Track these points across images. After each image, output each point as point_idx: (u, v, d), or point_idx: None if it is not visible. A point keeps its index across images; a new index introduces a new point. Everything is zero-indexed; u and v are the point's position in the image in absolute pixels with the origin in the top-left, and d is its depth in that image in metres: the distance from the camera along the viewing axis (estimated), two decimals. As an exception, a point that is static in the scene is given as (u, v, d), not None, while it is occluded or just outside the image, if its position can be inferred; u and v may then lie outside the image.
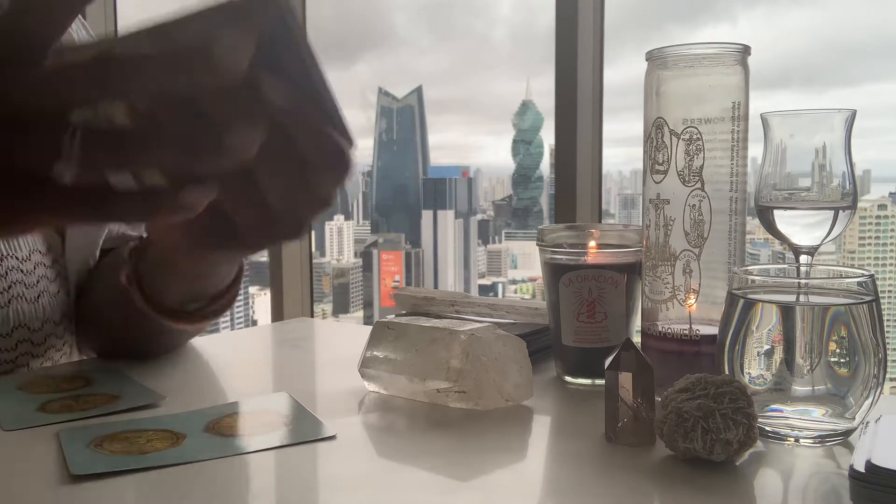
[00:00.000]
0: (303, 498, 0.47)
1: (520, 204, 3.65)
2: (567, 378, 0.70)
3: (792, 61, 6.69)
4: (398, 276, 3.84)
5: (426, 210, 3.89)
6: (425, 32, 13.90)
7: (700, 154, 0.61)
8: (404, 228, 4.03)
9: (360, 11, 7.64)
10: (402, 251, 3.90)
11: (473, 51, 9.08)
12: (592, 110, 2.03)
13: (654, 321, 0.64)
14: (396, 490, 0.47)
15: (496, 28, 13.71)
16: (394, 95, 4.00)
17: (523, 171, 3.51)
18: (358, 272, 3.92)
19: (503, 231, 3.92)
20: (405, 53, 13.41)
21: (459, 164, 4.07)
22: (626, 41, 3.16)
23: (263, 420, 0.59)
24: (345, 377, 0.70)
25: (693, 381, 0.51)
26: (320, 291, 3.44)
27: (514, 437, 0.56)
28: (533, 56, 4.98)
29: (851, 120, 0.60)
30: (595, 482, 0.49)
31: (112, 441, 0.55)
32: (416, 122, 4.00)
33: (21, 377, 0.72)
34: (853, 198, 0.60)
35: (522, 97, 3.45)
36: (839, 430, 0.54)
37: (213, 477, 0.48)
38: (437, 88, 13.21)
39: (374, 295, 3.89)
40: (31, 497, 0.47)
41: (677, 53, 0.61)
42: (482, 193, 4.10)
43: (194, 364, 0.82)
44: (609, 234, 0.72)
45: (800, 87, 4.65)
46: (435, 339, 0.63)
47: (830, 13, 5.90)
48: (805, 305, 0.54)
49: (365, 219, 4.02)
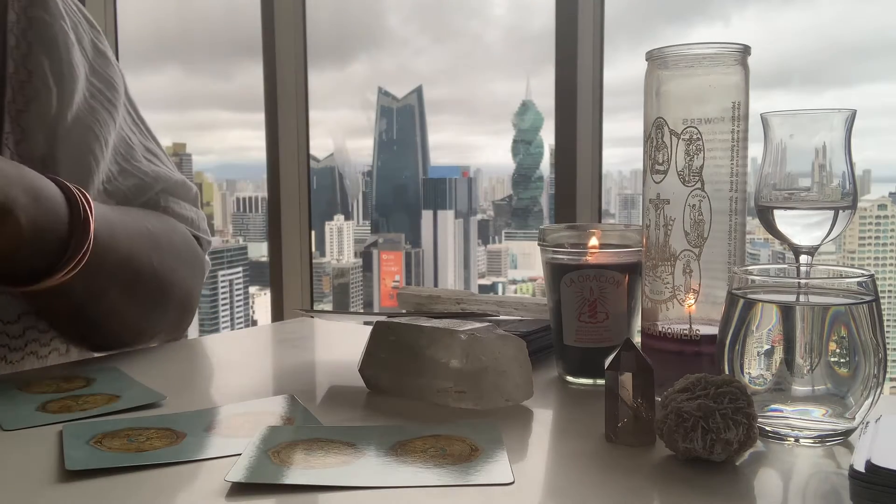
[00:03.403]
0: (302, 498, 0.47)
1: (520, 204, 3.66)
2: (568, 378, 0.70)
3: (791, 61, 6.65)
4: (398, 275, 3.84)
5: (426, 210, 3.89)
6: (425, 32, 13.77)
7: (700, 154, 0.61)
8: (404, 228, 4.03)
9: (360, 11, 7.63)
10: (402, 251, 3.90)
11: (473, 50, 9.08)
12: (592, 110, 2.03)
13: (655, 321, 0.64)
14: (396, 490, 0.47)
15: (496, 28, 13.66)
16: (394, 95, 3.99)
17: (523, 171, 3.51)
18: (358, 272, 3.93)
19: (503, 231, 3.92)
20: (404, 53, 13.36)
21: (459, 164, 4.06)
22: (620, 42, 3.15)
23: (264, 420, 0.59)
24: (345, 377, 0.70)
25: (693, 381, 0.51)
26: (320, 291, 3.44)
27: (514, 437, 0.56)
28: (532, 56, 4.95)
29: (851, 120, 0.60)
30: (595, 482, 0.49)
31: (112, 438, 0.55)
32: (416, 121, 3.99)
33: (21, 377, 0.72)
34: (853, 198, 0.60)
35: (522, 97, 3.45)
36: (839, 430, 0.54)
37: (213, 477, 0.48)
38: (437, 88, 13.17)
39: (374, 295, 3.89)
40: (30, 496, 0.47)
41: (677, 53, 0.61)
42: (482, 193, 4.10)
43: (194, 364, 0.83)
44: (610, 234, 0.72)
45: (799, 87, 4.62)
46: (435, 340, 0.63)
47: (827, 12, 5.85)
48: (805, 305, 0.54)
49: (365, 219, 4.02)
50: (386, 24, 4.37)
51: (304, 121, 2.56)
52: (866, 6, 2.57)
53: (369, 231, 4.18)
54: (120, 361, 0.77)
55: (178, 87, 4.40)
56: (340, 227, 4.04)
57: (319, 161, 3.58)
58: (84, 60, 0.83)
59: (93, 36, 0.85)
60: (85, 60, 0.83)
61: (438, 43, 4.33)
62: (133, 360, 0.77)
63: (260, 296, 3.76)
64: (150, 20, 3.60)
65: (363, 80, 4.33)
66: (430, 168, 4.27)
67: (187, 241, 0.88)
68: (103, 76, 0.84)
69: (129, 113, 0.89)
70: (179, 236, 0.86)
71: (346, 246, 4.06)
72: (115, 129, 0.84)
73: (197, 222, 0.92)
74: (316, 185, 2.88)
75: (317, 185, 3.07)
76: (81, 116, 0.80)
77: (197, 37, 4.31)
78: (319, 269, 3.46)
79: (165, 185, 0.88)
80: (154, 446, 0.54)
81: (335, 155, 4.04)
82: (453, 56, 4.29)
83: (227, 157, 5.29)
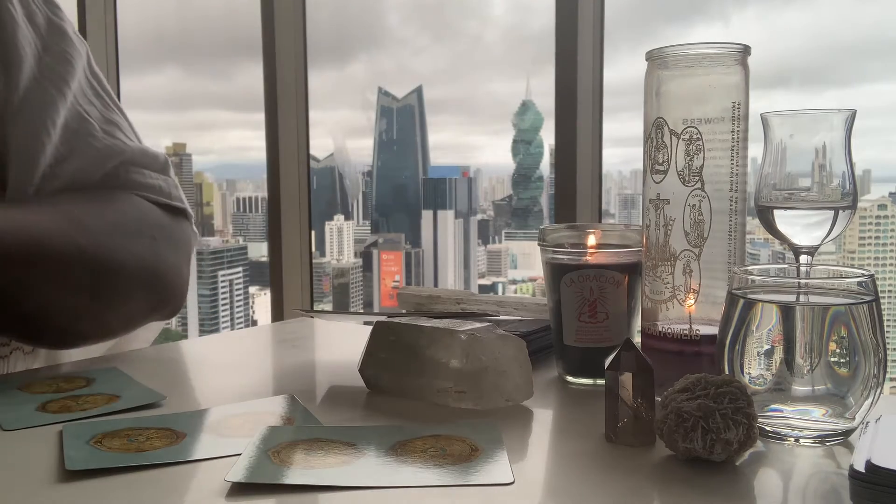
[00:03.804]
0: (302, 498, 0.47)
1: (520, 204, 3.65)
2: (568, 378, 0.70)
3: (791, 61, 6.66)
4: (398, 275, 3.83)
5: (426, 210, 3.88)
6: (424, 32, 13.76)
7: (700, 154, 0.61)
8: (404, 228, 4.02)
9: (359, 11, 7.63)
10: (402, 251, 3.90)
11: (473, 50, 9.08)
12: (592, 110, 2.03)
13: (655, 321, 0.64)
14: (396, 490, 0.47)
15: (496, 28, 13.65)
16: (394, 95, 3.98)
17: (523, 171, 3.50)
18: (358, 272, 3.92)
19: (503, 231, 3.91)
20: (404, 53, 13.35)
21: (459, 165, 4.05)
22: (620, 42, 3.14)
23: (264, 420, 0.59)
24: (345, 377, 0.70)
25: (693, 381, 0.51)
26: (320, 291, 3.44)
27: (514, 437, 0.56)
28: (532, 56, 4.95)
29: (851, 120, 0.60)
30: (595, 482, 0.49)
31: (112, 438, 0.55)
32: (416, 121, 3.98)
33: (21, 377, 0.72)
34: (853, 198, 0.60)
35: (522, 97, 3.44)
36: (839, 430, 0.54)
37: (213, 477, 0.48)
38: (437, 88, 13.16)
39: (374, 295, 3.88)
40: (30, 496, 0.47)
41: (677, 53, 0.61)
42: (482, 193, 4.09)
43: (194, 364, 0.83)
44: (610, 234, 0.72)
45: (799, 87, 4.61)
46: (435, 340, 0.63)
47: (827, 12, 5.86)
48: (805, 305, 0.54)
49: (365, 219, 4.01)
50: (386, 23, 4.36)
51: (304, 121, 2.56)
52: (866, 6, 2.57)
53: (369, 231, 4.17)
54: (120, 361, 0.77)
55: (177, 87, 4.40)
56: (340, 227, 4.04)
57: (319, 161, 3.58)
58: (35, 38, 0.80)
59: (47, 11, 0.83)
60: (36, 38, 0.81)
61: (438, 43, 4.33)
62: (133, 360, 0.77)
63: (260, 296, 3.76)
64: (149, 20, 3.60)
65: (363, 80, 4.33)
66: (430, 168, 4.26)
67: (143, 214, 0.83)
68: (57, 52, 0.82)
69: (92, 85, 0.86)
70: (130, 211, 0.82)
71: (346, 246, 4.05)
72: (66, 107, 0.81)
73: (166, 190, 0.87)
74: (316, 185, 2.88)
75: (317, 185, 3.07)
76: (30, 98, 0.78)
77: (197, 37, 4.31)
78: (319, 269, 3.46)
79: (123, 157, 0.83)
80: (154, 446, 0.54)
81: (335, 155, 4.04)
82: (453, 56, 4.28)
83: (227, 157, 5.29)
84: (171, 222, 0.86)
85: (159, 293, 0.82)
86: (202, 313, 3.86)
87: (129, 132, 0.87)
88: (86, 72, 0.85)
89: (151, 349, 0.86)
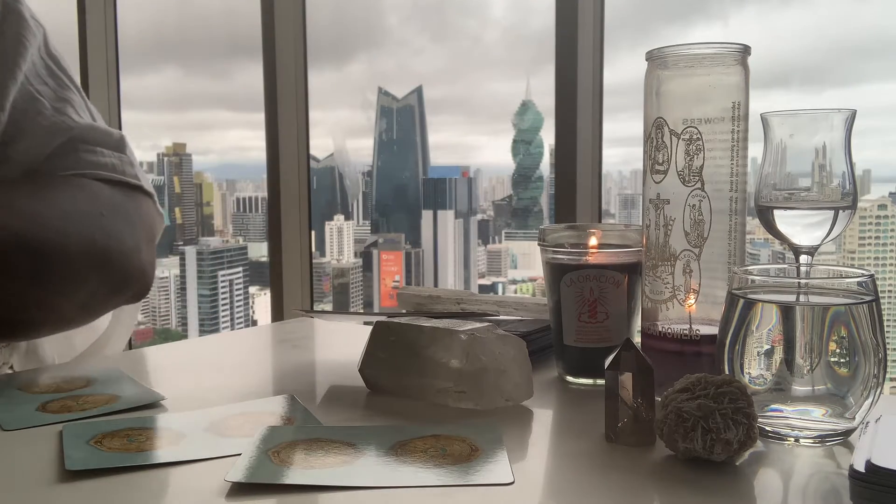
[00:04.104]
0: (302, 498, 0.47)
1: (520, 204, 3.65)
2: (568, 378, 0.70)
3: (791, 61, 6.63)
4: (398, 275, 3.83)
5: (426, 210, 3.88)
6: (424, 32, 13.72)
7: (700, 154, 0.61)
8: (404, 228, 4.02)
9: (359, 11, 7.60)
10: (402, 251, 3.89)
11: (473, 50, 9.02)
12: (592, 110, 2.03)
13: (655, 321, 0.64)
14: (396, 490, 0.47)
15: (496, 28, 13.61)
16: (394, 95, 3.98)
17: (523, 171, 3.50)
18: (358, 272, 3.92)
19: (503, 231, 3.91)
20: (404, 53, 13.31)
21: (459, 164, 4.05)
22: (620, 42, 3.13)
23: (263, 420, 0.59)
24: (345, 377, 0.70)
25: (693, 381, 0.51)
26: (320, 291, 3.44)
27: (514, 437, 0.56)
28: (532, 56, 4.93)
29: (851, 120, 0.59)
30: (595, 482, 0.49)
31: (112, 438, 0.55)
32: (416, 121, 3.98)
33: (21, 377, 0.72)
34: (853, 198, 0.60)
35: (522, 97, 3.44)
36: (839, 430, 0.54)
37: (213, 477, 0.48)
38: (437, 88, 13.12)
39: (374, 295, 3.88)
40: (30, 496, 0.47)
41: (677, 53, 0.61)
42: (482, 193, 4.09)
43: (194, 364, 0.83)
44: (610, 234, 0.72)
45: (799, 87, 4.59)
46: (435, 340, 0.63)
47: (827, 12, 5.85)
48: (805, 305, 0.54)
49: (365, 219, 4.01)
50: (385, 23, 4.36)
51: (304, 121, 2.56)
52: (866, 6, 2.57)
53: (369, 231, 4.17)
54: (120, 361, 0.77)
55: (177, 87, 4.39)
56: (340, 227, 4.04)
57: (319, 161, 3.58)
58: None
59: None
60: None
61: (438, 43, 4.33)
62: (133, 360, 0.77)
63: (260, 296, 3.76)
64: (149, 20, 3.60)
65: (363, 80, 4.33)
66: (430, 168, 4.26)
67: (91, 193, 0.80)
68: (11, 35, 0.81)
69: (47, 65, 0.84)
70: (73, 191, 0.79)
71: (346, 246, 4.05)
72: (16, 87, 0.80)
73: (120, 167, 0.84)
74: (316, 185, 2.88)
75: (317, 185, 3.07)
76: None
77: (196, 37, 4.31)
78: (319, 269, 3.46)
79: (72, 133, 0.81)
80: (154, 446, 0.54)
81: (335, 155, 4.04)
82: (453, 56, 4.28)
83: (227, 157, 5.29)
84: (126, 199, 0.83)
85: (116, 274, 0.79)
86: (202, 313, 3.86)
87: (81, 109, 0.85)
88: (41, 52, 0.84)
89: (151, 349, 0.86)
